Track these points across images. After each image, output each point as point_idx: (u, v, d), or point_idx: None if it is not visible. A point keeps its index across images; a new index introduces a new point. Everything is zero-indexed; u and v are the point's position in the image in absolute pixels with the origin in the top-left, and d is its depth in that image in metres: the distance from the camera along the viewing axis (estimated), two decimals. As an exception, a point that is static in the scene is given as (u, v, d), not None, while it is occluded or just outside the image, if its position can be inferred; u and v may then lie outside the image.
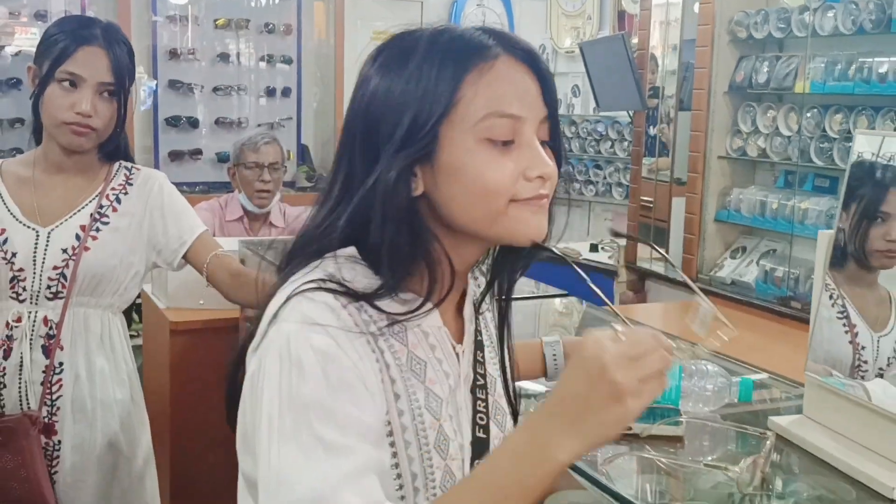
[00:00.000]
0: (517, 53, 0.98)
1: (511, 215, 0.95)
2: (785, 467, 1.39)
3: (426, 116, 0.94)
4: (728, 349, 2.06)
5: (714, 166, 3.48)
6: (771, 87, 3.30)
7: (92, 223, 1.89)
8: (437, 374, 1.00)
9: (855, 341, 1.41)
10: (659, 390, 0.85)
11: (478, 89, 0.94)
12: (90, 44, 1.82)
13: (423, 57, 0.96)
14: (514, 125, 0.95)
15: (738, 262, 3.43)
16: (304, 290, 0.93)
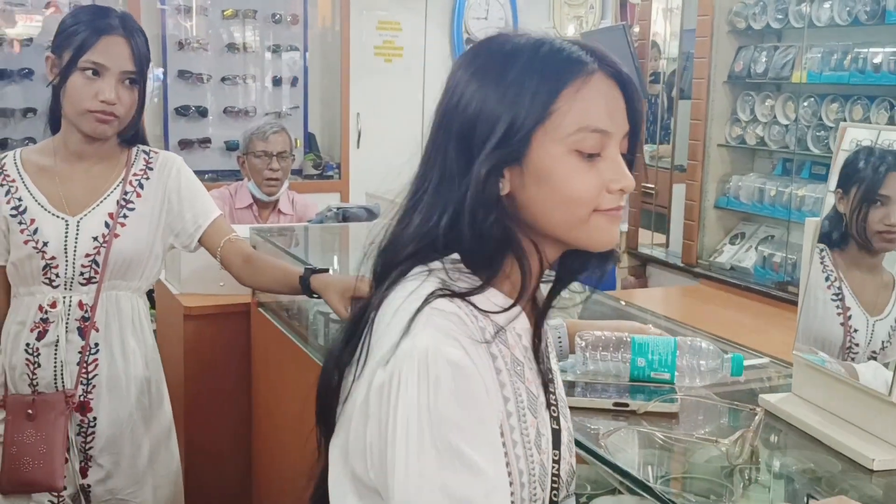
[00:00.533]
0: (610, 71, 1.03)
1: (592, 224, 1.01)
2: (773, 441, 1.47)
3: (521, 122, 0.99)
4: (727, 332, 2.15)
5: (714, 154, 3.55)
6: (769, 76, 3.37)
7: (119, 210, 1.96)
8: (532, 374, 1.06)
9: (847, 324, 1.47)
10: None
11: (573, 103, 0.99)
12: (111, 33, 1.86)
13: (523, 66, 1.00)
14: (602, 139, 1.00)
15: (737, 248, 3.51)
16: (431, 302, 0.96)
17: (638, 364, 1.57)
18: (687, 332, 2.05)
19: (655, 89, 3.93)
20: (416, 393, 0.92)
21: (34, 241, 1.91)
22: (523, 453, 1.01)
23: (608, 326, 1.65)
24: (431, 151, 1.07)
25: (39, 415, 1.90)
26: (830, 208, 1.50)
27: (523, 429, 1.02)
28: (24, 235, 1.91)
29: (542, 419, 1.06)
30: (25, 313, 1.95)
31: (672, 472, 1.39)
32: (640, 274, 3.86)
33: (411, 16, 5.30)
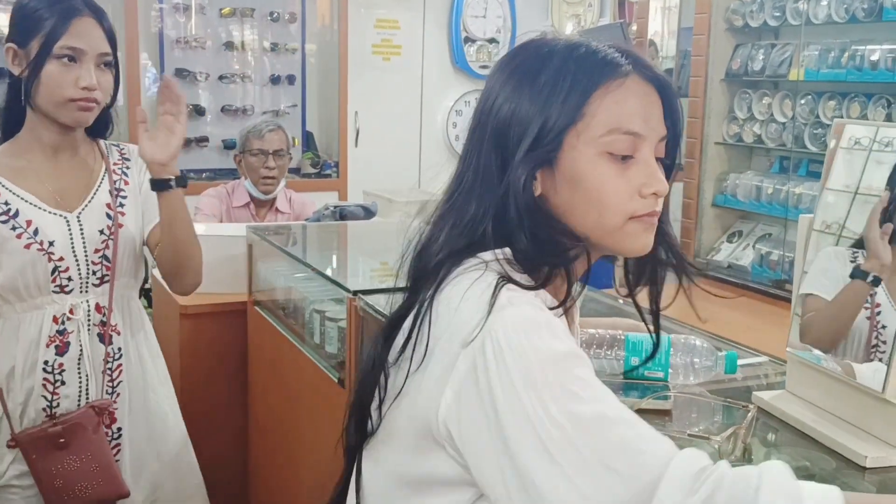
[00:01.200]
0: (646, 74, 1.03)
1: (626, 230, 1.03)
2: (766, 439, 1.47)
3: (553, 124, 1.00)
4: (723, 331, 2.14)
5: (711, 152, 3.55)
6: (766, 74, 3.36)
7: (114, 200, 1.87)
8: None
9: (875, 319, 1.46)
10: None
11: (604, 104, 1.00)
12: (80, 15, 1.74)
13: (557, 68, 1.02)
14: (634, 142, 1.01)
15: (734, 246, 3.51)
16: (504, 285, 0.96)
17: (632, 363, 1.57)
18: (683, 329, 2.05)
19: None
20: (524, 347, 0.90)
21: (37, 242, 1.75)
22: None
23: (603, 324, 1.65)
24: (468, 153, 1.08)
25: (73, 440, 1.77)
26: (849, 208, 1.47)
27: None
28: (22, 240, 1.75)
29: None
30: (34, 332, 1.78)
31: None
32: (637, 272, 3.86)
33: (409, 14, 5.30)
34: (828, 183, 1.52)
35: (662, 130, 1.04)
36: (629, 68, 1.02)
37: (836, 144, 1.54)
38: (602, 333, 1.60)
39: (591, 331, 1.61)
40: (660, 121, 1.04)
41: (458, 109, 5.50)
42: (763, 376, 1.79)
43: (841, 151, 1.51)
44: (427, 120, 5.46)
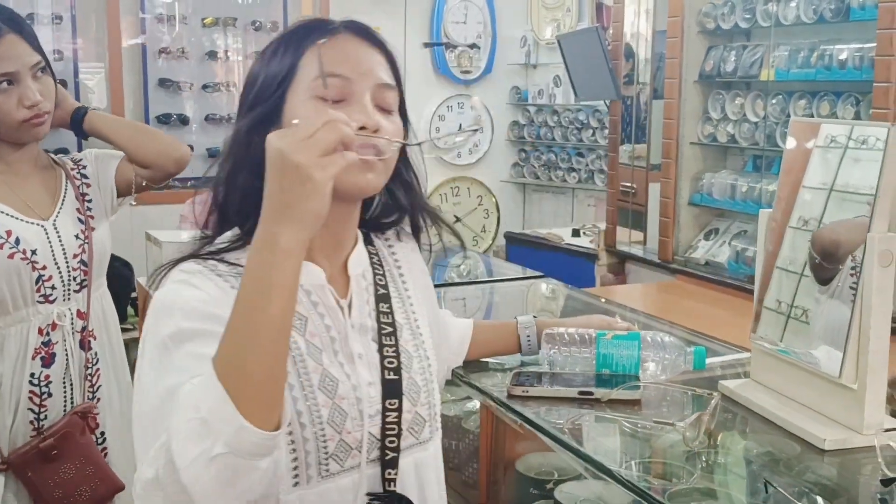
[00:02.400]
0: (357, 30, 1.15)
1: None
2: (731, 425, 1.52)
3: (272, 80, 1.11)
4: (701, 325, 2.20)
5: (687, 152, 3.62)
6: (738, 75, 3.43)
7: (83, 204, 1.89)
8: (318, 328, 1.13)
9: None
10: (341, 159, 0.95)
11: (313, 56, 1.10)
12: (1, 35, 1.73)
13: (282, 36, 1.15)
14: (342, 84, 1.09)
15: (711, 244, 3.58)
16: (177, 266, 1.10)
17: (602, 369, 1.63)
18: (661, 326, 2.11)
19: (631, 90, 4.00)
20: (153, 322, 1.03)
21: (20, 252, 1.74)
22: (301, 395, 1.08)
23: (579, 322, 1.71)
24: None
25: (64, 448, 1.78)
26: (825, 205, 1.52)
27: (302, 373, 1.09)
28: (4, 250, 1.73)
29: (342, 368, 1.13)
30: (20, 346, 1.77)
31: (634, 457, 1.45)
32: (618, 271, 3.92)
33: (390, 21, 5.35)
34: (805, 181, 1.56)
35: (382, 78, 1.13)
36: (338, 27, 1.14)
37: (796, 143, 1.60)
38: (572, 333, 1.66)
39: (562, 330, 1.67)
40: (374, 68, 1.12)
41: (440, 115, 5.56)
42: (730, 366, 1.84)
43: (817, 150, 1.55)
44: (409, 124, 5.49)
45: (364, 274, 1.22)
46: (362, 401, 1.13)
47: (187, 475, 0.89)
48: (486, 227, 5.80)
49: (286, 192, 0.91)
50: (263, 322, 0.91)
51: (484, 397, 1.63)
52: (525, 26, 5.57)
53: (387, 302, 1.22)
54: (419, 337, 1.25)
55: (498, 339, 1.71)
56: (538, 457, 1.78)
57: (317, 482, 1.09)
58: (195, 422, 0.90)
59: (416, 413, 1.19)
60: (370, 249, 1.25)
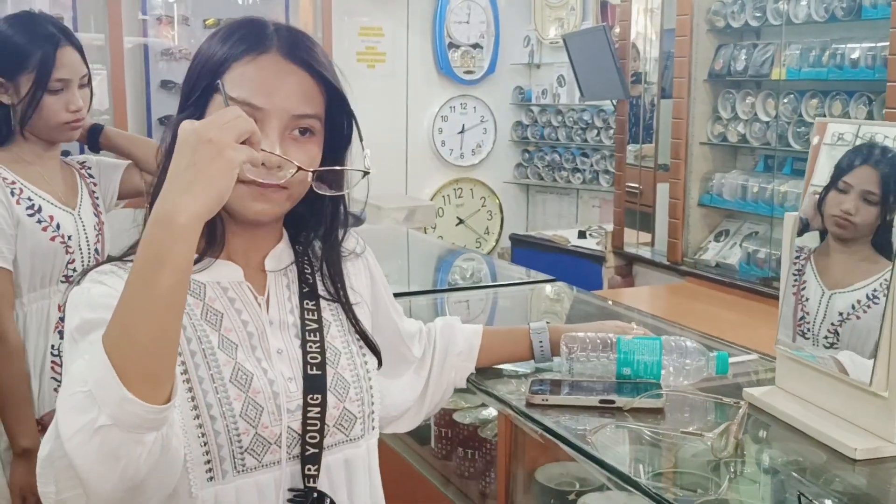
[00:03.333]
0: (287, 49, 1.13)
1: (237, 191, 1.02)
2: (758, 434, 1.48)
3: (195, 85, 1.12)
4: (713, 328, 2.16)
5: (696, 152, 3.58)
6: (749, 74, 3.40)
7: (93, 200, 2.07)
8: (234, 323, 1.15)
9: (799, 294, 1.49)
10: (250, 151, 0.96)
11: (237, 76, 1.10)
12: (61, 45, 1.92)
13: (213, 40, 1.14)
14: (254, 114, 1.06)
15: (721, 245, 3.54)
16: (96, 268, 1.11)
17: (623, 373, 1.59)
18: (673, 330, 2.07)
19: (637, 90, 3.96)
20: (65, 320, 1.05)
21: (60, 236, 1.94)
22: (212, 387, 1.09)
23: (592, 328, 1.67)
24: None
25: None
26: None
27: (213, 366, 1.10)
28: (48, 233, 1.92)
29: (258, 363, 1.14)
30: (42, 320, 1.95)
31: (659, 468, 1.41)
32: (626, 273, 3.88)
33: (393, 21, 5.32)
34: (812, 179, 1.54)
35: (297, 109, 1.11)
36: (270, 44, 1.12)
37: (819, 142, 1.56)
38: (593, 337, 1.61)
39: (581, 335, 1.62)
40: (300, 99, 1.11)
41: (443, 115, 5.52)
42: (753, 373, 1.81)
43: (824, 148, 1.52)
44: (413, 126, 5.47)
45: (287, 271, 1.23)
46: (279, 395, 1.13)
47: (71, 445, 0.89)
48: (489, 228, 5.76)
49: (195, 167, 0.91)
50: (153, 296, 0.90)
51: (502, 406, 1.59)
52: (528, 26, 5.53)
53: (312, 299, 1.23)
54: (351, 335, 1.25)
55: (509, 346, 1.66)
56: (559, 466, 1.74)
57: (232, 477, 1.10)
58: (80, 395, 0.90)
59: (344, 409, 1.19)
60: (297, 248, 1.26)
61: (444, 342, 1.55)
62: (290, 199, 1.14)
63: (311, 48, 1.16)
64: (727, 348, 1.90)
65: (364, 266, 1.35)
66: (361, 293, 1.32)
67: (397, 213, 4.81)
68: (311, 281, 1.24)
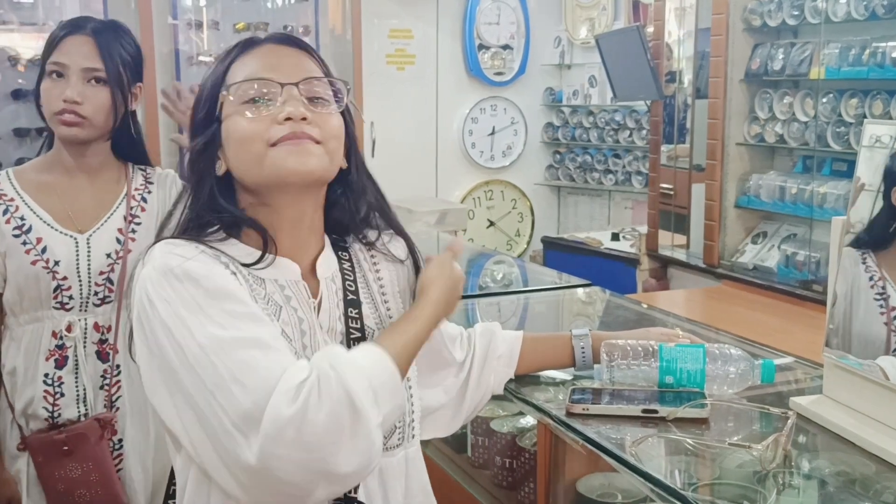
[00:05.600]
0: (280, 39, 1.20)
1: (269, 157, 1.12)
2: (806, 445, 1.44)
3: (205, 105, 1.18)
4: (751, 333, 2.12)
5: (733, 153, 3.52)
6: (786, 73, 3.34)
7: (127, 225, 1.91)
8: (291, 318, 1.16)
9: (892, 323, 1.44)
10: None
11: (238, 66, 1.17)
12: (76, 33, 1.82)
13: (224, 53, 1.21)
14: (268, 87, 1.14)
15: (759, 248, 3.48)
16: (164, 240, 1.13)
17: (666, 381, 1.55)
18: (711, 334, 2.03)
19: (671, 89, 3.90)
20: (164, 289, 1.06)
21: (43, 260, 1.82)
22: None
23: (634, 335, 1.63)
24: None
25: (77, 448, 1.84)
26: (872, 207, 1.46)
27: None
28: (30, 256, 1.82)
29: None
30: (34, 343, 1.86)
31: (703, 479, 1.37)
32: (661, 276, 3.83)
33: (422, 23, 5.30)
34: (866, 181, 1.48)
35: (308, 71, 1.18)
36: (265, 40, 1.20)
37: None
38: (634, 344, 1.58)
39: (622, 342, 1.59)
40: (303, 67, 1.18)
41: (473, 117, 5.49)
42: (795, 381, 1.76)
43: (863, 150, 1.48)
44: (443, 128, 5.45)
45: (333, 278, 1.23)
46: None
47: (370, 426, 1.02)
48: (520, 230, 5.73)
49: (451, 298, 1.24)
50: (422, 340, 1.17)
51: (541, 415, 1.56)
52: (559, 26, 5.49)
53: (356, 307, 1.22)
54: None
55: (550, 353, 1.63)
56: (600, 477, 1.71)
57: None
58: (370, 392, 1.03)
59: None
60: (341, 255, 1.26)
61: (483, 346, 1.53)
62: (329, 153, 1.16)
63: (299, 37, 1.26)
64: (767, 354, 1.86)
65: (406, 273, 1.34)
66: (403, 299, 1.32)
67: (429, 216, 4.79)
68: (354, 288, 1.24)
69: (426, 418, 1.45)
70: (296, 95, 1.14)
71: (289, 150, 1.12)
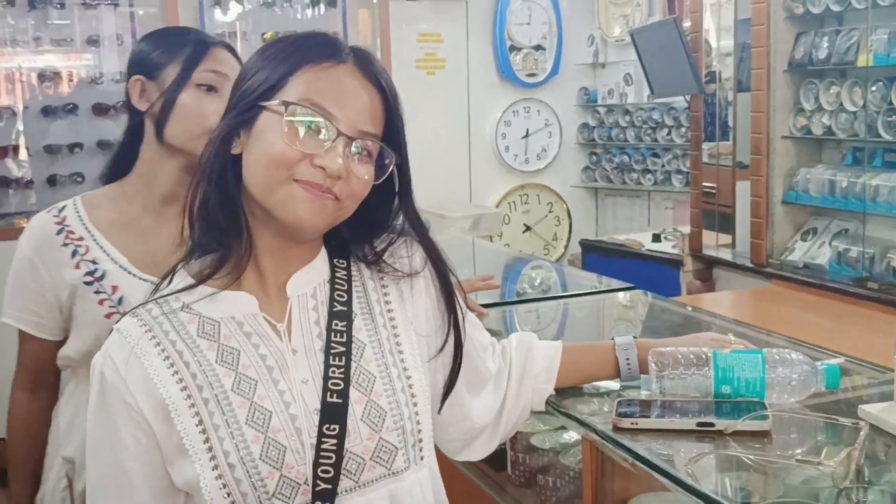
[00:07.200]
0: (362, 64, 1.10)
1: (286, 190, 1.05)
2: (880, 457, 1.32)
3: (258, 85, 1.08)
4: (805, 334, 1.99)
5: (778, 147, 3.38)
6: (832, 62, 3.19)
7: None
8: (252, 359, 1.08)
9: None
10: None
11: (305, 78, 1.07)
12: (217, 45, 1.61)
13: (281, 45, 1.11)
14: (325, 126, 1.05)
15: (809, 245, 3.33)
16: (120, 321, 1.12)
17: (722, 391, 1.42)
18: (762, 336, 1.91)
19: (711, 88, 3.77)
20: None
21: (119, 313, 1.48)
22: (227, 434, 1.04)
23: (683, 341, 1.51)
24: None
25: None
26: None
27: (227, 412, 1.05)
28: (104, 308, 1.55)
29: (280, 397, 1.07)
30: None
31: (768, 499, 1.25)
32: (706, 277, 3.69)
33: (452, 26, 5.21)
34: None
35: (365, 126, 1.08)
36: (346, 58, 1.10)
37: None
38: (685, 352, 1.46)
39: (671, 350, 1.47)
40: (368, 117, 1.09)
41: (506, 120, 5.38)
42: (858, 387, 1.63)
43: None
44: (475, 133, 5.35)
45: (315, 292, 1.15)
46: (303, 431, 1.06)
47: None
48: (557, 234, 5.60)
49: None
50: None
51: (586, 430, 1.44)
52: (592, 24, 5.36)
53: (344, 319, 1.14)
54: (392, 356, 1.15)
55: (592, 364, 1.51)
56: (653, 497, 1.59)
57: None
58: None
59: (380, 440, 1.10)
60: (337, 262, 1.18)
61: (520, 360, 1.42)
62: (339, 212, 1.09)
63: (383, 70, 1.14)
64: (824, 357, 1.73)
65: (426, 285, 1.22)
66: (417, 314, 1.21)
67: (463, 221, 4.69)
68: (346, 299, 1.15)
69: (471, 442, 1.35)
70: (344, 150, 1.07)
71: (306, 196, 1.06)
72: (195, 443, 1.04)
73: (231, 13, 4.75)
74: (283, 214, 1.06)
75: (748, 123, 3.48)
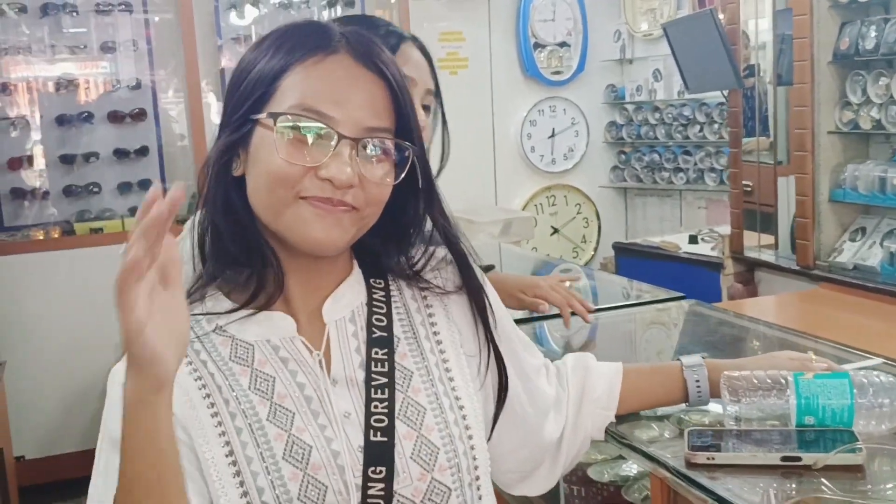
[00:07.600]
0: (357, 50, 0.97)
1: (293, 210, 0.95)
2: None
3: (247, 98, 0.96)
4: (860, 342, 1.84)
5: (824, 142, 3.21)
6: (881, 52, 3.02)
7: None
8: (289, 387, 0.98)
9: None
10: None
11: (295, 80, 0.95)
12: (406, 41, 1.52)
13: (269, 41, 0.98)
14: (323, 131, 0.94)
15: (858, 245, 3.16)
16: None
17: (806, 422, 1.28)
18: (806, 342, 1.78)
19: (750, 82, 3.60)
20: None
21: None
22: (262, 468, 0.94)
23: (759, 362, 1.37)
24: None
25: None
26: None
27: (262, 444, 0.95)
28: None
29: (321, 431, 0.97)
30: None
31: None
32: (748, 280, 3.52)
33: (474, 25, 5.08)
34: None
35: (370, 122, 0.96)
36: (338, 43, 0.97)
37: None
38: (761, 376, 1.31)
39: (746, 373, 1.33)
40: (373, 111, 0.96)
41: (531, 119, 5.24)
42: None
43: None
44: (500, 133, 5.21)
45: (354, 317, 1.04)
46: (346, 469, 0.96)
47: None
48: (585, 237, 5.45)
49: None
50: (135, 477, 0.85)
51: (654, 465, 1.30)
52: (618, 20, 5.21)
53: (384, 346, 1.02)
54: (443, 384, 1.04)
55: (657, 389, 1.37)
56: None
57: None
58: None
59: (433, 480, 0.98)
60: (374, 283, 1.06)
61: (578, 385, 1.28)
62: (360, 222, 0.98)
63: (382, 52, 1.00)
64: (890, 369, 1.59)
65: (463, 303, 1.10)
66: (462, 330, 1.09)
67: (492, 226, 4.55)
68: (385, 323, 1.03)
69: (529, 475, 1.22)
70: (351, 154, 0.95)
71: (316, 213, 0.95)
72: (223, 475, 0.93)
73: (247, 17, 4.64)
74: (296, 238, 0.96)
75: (787, 119, 3.31)
